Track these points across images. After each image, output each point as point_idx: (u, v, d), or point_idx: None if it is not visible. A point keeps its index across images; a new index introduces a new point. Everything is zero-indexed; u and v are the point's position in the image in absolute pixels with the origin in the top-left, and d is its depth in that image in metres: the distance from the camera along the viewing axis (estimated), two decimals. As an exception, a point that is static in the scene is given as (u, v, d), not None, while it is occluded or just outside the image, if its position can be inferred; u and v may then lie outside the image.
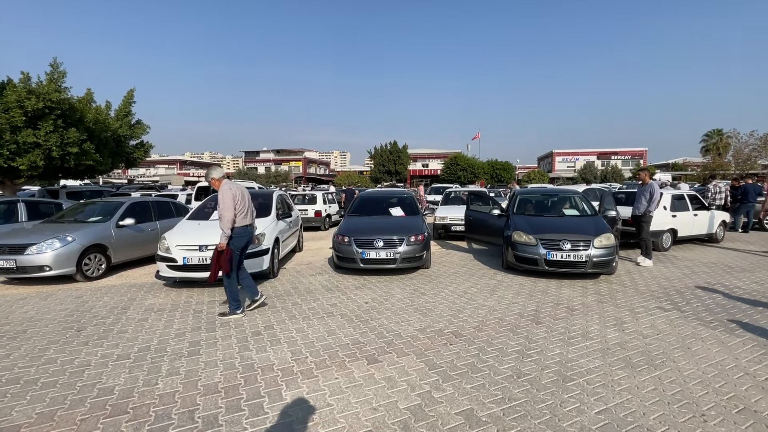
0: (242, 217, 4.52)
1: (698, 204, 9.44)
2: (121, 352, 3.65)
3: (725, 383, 3.01)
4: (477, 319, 4.43)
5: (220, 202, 4.36)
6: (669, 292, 5.46)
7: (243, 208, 4.52)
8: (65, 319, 4.63)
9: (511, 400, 2.79)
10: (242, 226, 4.53)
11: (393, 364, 3.36)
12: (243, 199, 4.55)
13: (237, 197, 4.44)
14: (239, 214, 4.46)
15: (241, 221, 4.50)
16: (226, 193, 4.37)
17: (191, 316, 4.63)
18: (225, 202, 4.33)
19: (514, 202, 7.80)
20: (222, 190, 4.41)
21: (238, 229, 4.50)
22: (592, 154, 60.42)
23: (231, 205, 4.33)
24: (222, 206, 4.34)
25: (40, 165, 10.60)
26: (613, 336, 3.93)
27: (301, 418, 2.59)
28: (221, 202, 4.35)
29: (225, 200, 4.34)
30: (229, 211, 4.32)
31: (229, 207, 4.33)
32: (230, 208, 4.33)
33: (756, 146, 28.10)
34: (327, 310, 4.84)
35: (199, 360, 3.47)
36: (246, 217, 4.58)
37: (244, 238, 4.60)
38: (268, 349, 3.68)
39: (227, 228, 4.35)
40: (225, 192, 4.38)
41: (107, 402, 2.81)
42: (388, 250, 6.32)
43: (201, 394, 2.90)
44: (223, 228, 4.36)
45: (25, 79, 10.59)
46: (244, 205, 4.56)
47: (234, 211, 4.36)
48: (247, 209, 4.61)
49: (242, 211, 4.51)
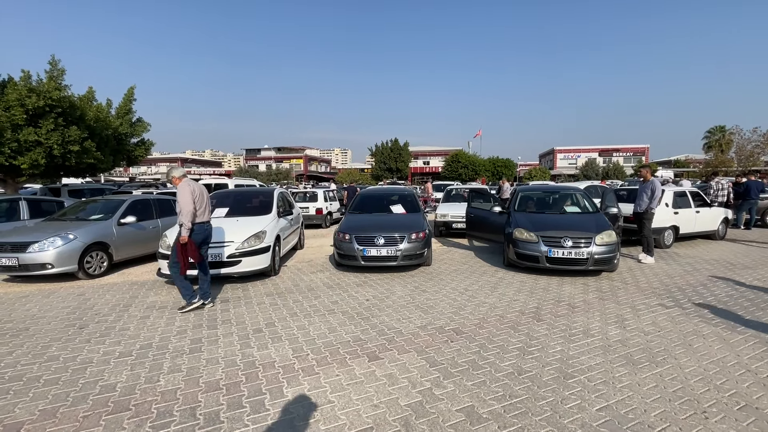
0: (200, 214, 4.67)
1: (700, 201, 9.40)
2: (123, 350, 3.67)
3: (727, 380, 3.00)
4: (478, 317, 4.43)
5: (179, 197, 4.52)
6: (671, 289, 5.45)
7: (201, 205, 4.67)
8: (67, 316, 4.65)
9: (511, 397, 2.79)
10: (199, 223, 4.68)
11: (394, 361, 3.36)
12: (202, 196, 4.71)
13: (195, 193, 4.60)
14: (197, 210, 4.61)
15: (198, 218, 4.65)
16: (184, 188, 4.54)
17: (193, 314, 4.64)
18: (183, 197, 4.50)
19: (516, 199, 7.79)
20: (180, 187, 4.58)
21: (196, 226, 4.64)
22: (593, 151, 60.28)
23: (189, 199, 4.50)
24: (181, 201, 4.50)
25: (41, 163, 10.62)
26: (614, 333, 3.93)
27: (302, 415, 2.60)
28: (180, 197, 4.51)
29: (183, 195, 4.50)
30: (187, 205, 4.48)
31: (187, 201, 4.49)
32: (189, 202, 4.49)
33: (759, 143, 27.95)
34: (328, 307, 4.85)
35: (201, 357, 3.48)
36: (204, 214, 4.74)
37: (200, 235, 4.74)
38: (270, 346, 3.68)
39: (187, 221, 4.49)
40: (183, 188, 4.55)
41: (109, 399, 2.82)
42: (389, 248, 6.32)
43: (202, 391, 2.91)
44: (184, 221, 4.50)
45: (26, 77, 10.58)
46: (202, 202, 4.70)
47: (193, 205, 4.52)
48: (205, 207, 4.76)
49: (200, 207, 4.66)
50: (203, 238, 4.81)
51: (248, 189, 9.48)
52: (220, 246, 5.71)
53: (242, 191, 8.51)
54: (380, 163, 54.29)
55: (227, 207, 7.06)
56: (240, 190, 8.72)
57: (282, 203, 7.84)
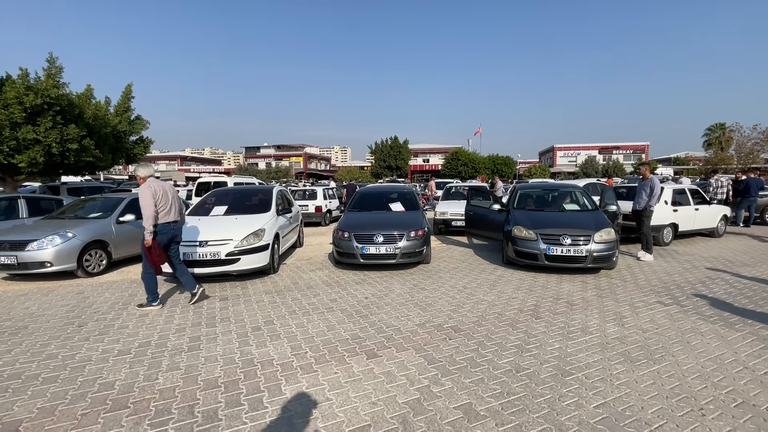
0: (164, 214, 4.64)
1: (699, 198, 9.40)
2: (121, 348, 3.67)
3: (724, 377, 3.01)
4: (476, 314, 4.44)
5: (139, 200, 4.50)
6: (669, 287, 5.45)
7: (165, 205, 4.64)
8: (66, 314, 4.65)
9: (509, 394, 2.80)
10: (165, 223, 4.66)
11: (392, 358, 3.37)
12: (166, 196, 4.67)
13: (158, 194, 4.56)
14: (161, 211, 4.59)
15: (163, 218, 4.63)
16: (144, 191, 4.51)
17: (191, 312, 4.65)
18: (143, 200, 4.47)
19: (515, 197, 7.78)
20: (141, 189, 4.55)
21: (161, 226, 4.62)
22: (593, 148, 60.22)
23: (150, 202, 4.46)
24: (141, 204, 4.48)
25: (40, 161, 10.59)
26: (612, 330, 3.94)
27: (300, 413, 2.61)
28: (140, 200, 4.49)
29: (143, 198, 4.47)
30: (147, 208, 4.46)
31: (147, 204, 4.46)
32: (149, 205, 4.46)
33: (759, 140, 27.94)
34: (327, 305, 4.85)
35: (200, 355, 3.48)
36: (169, 214, 4.71)
37: (167, 235, 4.73)
38: (268, 344, 3.69)
39: (148, 224, 4.46)
40: (143, 190, 4.51)
41: (108, 397, 2.83)
42: (388, 246, 6.32)
43: (201, 389, 2.92)
44: (144, 224, 4.49)
45: (24, 75, 10.53)
46: (167, 202, 4.67)
47: (153, 208, 4.47)
48: (170, 206, 4.72)
49: (164, 208, 4.63)
50: (170, 238, 4.79)
51: (247, 187, 9.47)
52: (218, 244, 5.71)
53: (241, 189, 8.50)
54: (380, 161, 54.22)
55: (226, 205, 7.05)
56: (239, 188, 8.71)
57: (281, 201, 7.83)
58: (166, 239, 4.72)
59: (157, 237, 4.58)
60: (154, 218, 4.47)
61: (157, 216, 4.52)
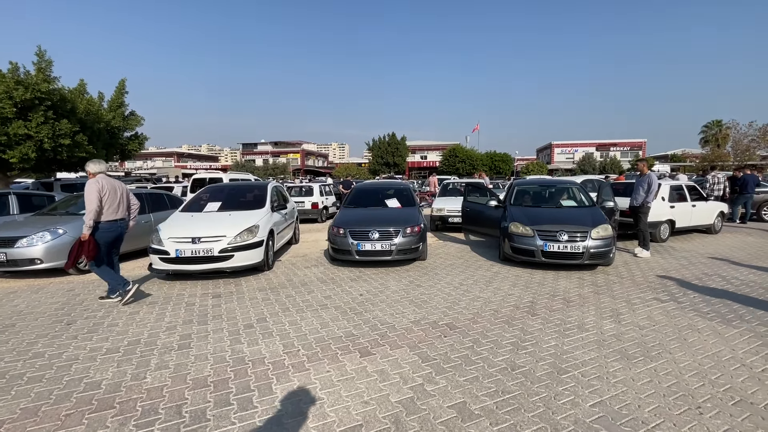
0: (111, 212, 4.60)
1: (696, 195, 9.38)
2: (110, 346, 3.60)
3: (721, 375, 2.97)
4: (472, 311, 4.39)
5: (85, 194, 4.45)
6: (666, 284, 5.42)
7: (112, 202, 4.59)
8: (55, 312, 4.57)
9: (504, 392, 2.75)
10: (110, 221, 4.61)
11: (386, 356, 3.31)
12: (113, 193, 4.62)
13: (105, 190, 4.52)
14: (107, 208, 4.54)
15: (109, 216, 4.58)
16: (90, 186, 4.46)
17: (183, 309, 4.58)
18: (88, 195, 4.43)
19: (511, 193, 7.73)
20: (87, 184, 4.50)
21: (106, 224, 4.57)
22: (591, 145, 60.22)
23: (94, 198, 4.42)
24: (85, 198, 4.44)
25: (32, 157, 10.46)
26: (609, 327, 3.89)
27: (290, 413, 2.55)
28: (85, 195, 4.45)
29: (89, 193, 4.43)
30: (91, 204, 4.42)
31: (91, 200, 4.42)
32: (92, 201, 4.42)
33: (755, 137, 28.01)
34: (321, 302, 4.79)
35: (190, 353, 3.41)
36: (116, 212, 4.66)
37: (112, 233, 4.68)
38: (260, 342, 3.62)
39: (89, 219, 4.42)
40: (90, 185, 4.47)
41: (93, 397, 2.76)
42: (383, 242, 6.26)
43: (189, 388, 2.85)
44: (85, 219, 4.45)
45: (14, 69, 10.37)
46: (114, 200, 4.62)
47: (96, 204, 4.43)
48: (118, 204, 4.67)
49: (111, 205, 4.58)
50: (114, 237, 4.74)
51: (242, 183, 9.38)
52: (211, 241, 5.63)
53: (236, 185, 8.41)
54: (377, 157, 54.07)
55: (220, 201, 6.96)
56: (233, 184, 8.62)
57: (276, 197, 7.75)
58: (110, 237, 4.67)
59: (102, 234, 4.57)
60: (95, 214, 4.44)
61: (100, 212, 4.49)
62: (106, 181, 4.60)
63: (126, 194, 4.86)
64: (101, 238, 4.61)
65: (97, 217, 4.48)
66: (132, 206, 5.00)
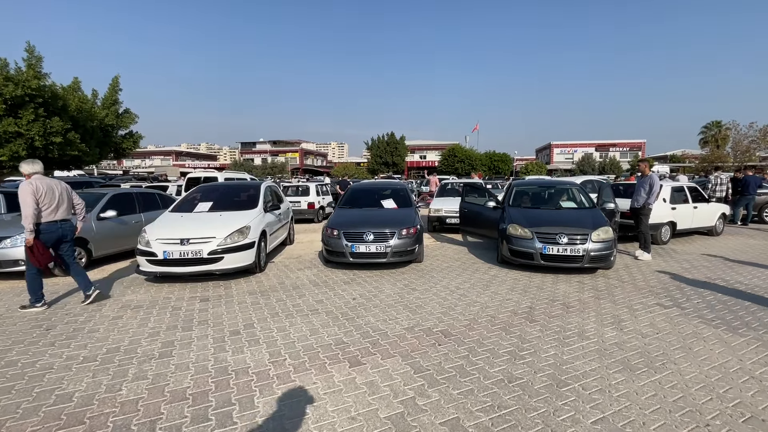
0: (49, 213, 4.45)
1: (698, 196, 9.23)
2: (88, 354, 3.43)
3: (730, 388, 2.81)
4: (468, 317, 4.22)
5: (19, 197, 4.28)
6: (668, 288, 5.27)
7: (50, 203, 4.44)
8: (36, 316, 4.39)
9: (500, 407, 2.58)
10: (49, 222, 4.46)
11: (376, 367, 3.15)
12: (51, 194, 4.46)
13: (40, 191, 4.35)
14: (45, 210, 4.39)
15: (48, 216, 4.43)
16: (24, 188, 4.29)
17: (168, 314, 4.41)
18: (22, 197, 4.26)
19: (510, 194, 7.57)
20: (21, 187, 4.32)
21: (45, 225, 4.42)
22: (590, 145, 60.13)
23: (28, 201, 4.25)
24: (20, 201, 4.28)
25: (22, 155, 10.26)
26: (610, 335, 3.74)
27: (272, 429, 2.38)
28: (19, 198, 4.28)
29: (22, 195, 4.26)
30: (26, 207, 4.26)
31: (26, 202, 4.25)
32: (28, 204, 4.25)
33: (755, 138, 27.91)
34: (312, 306, 4.62)
35: (170, 363, 3.24)
36: (55, 213, 4.50)
37: (54, 234, 4.52)
38: (245, 350, 3.46)
39: (26, 223, 4.26)
40: (23, 187, 4.30)
41: (63, 410, 2.59)
42: (378, 244, 6.09)
43: (167, 402, 2.68)
44: (23, 223, 4.29)
45: (3, 65, 10.17)
46: (52, 201, 4.46)
47: (31, 207, 4.26)
48: (56, 205, 4.51)
49: (49, 206, 4.43)
50: (57, 237, 4.57)
51: (235, 183, 9.20)
52: (200, 242, 5.46)
53: (228, 185, 8.23)
54: (376, 157, 53.90)
55: (211, 201, 6.78)
56: (226, 184, 8.44)
57: (270, 197, 7.58)
58: (52, 238, 4.51)
59: (44, 236, 4.40)
60: (33, 216, 4.27)
61: (38, 214, 4.33)
62: (42, 182, 4.42)
63: (67, 194, 4.69)
64: (44, 240, 4.45)
65: (37, 220, 4.32)
66: (77, 206, 4.82)
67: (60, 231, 4.58)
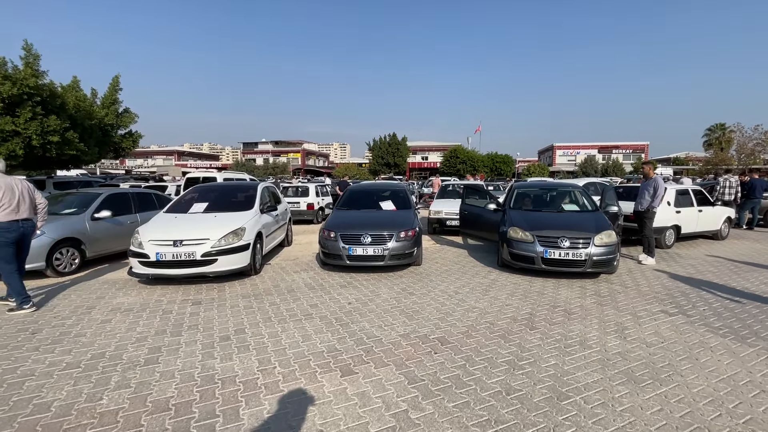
0: (10, 212, 4.36)
1: (703, 199, 9.06)
2: (71, 360, 3.32)
3: (740, 403, 2.67)
4: (466, 324, 4.09)
5: None
6: (673, 294, 5.12)
7: (10, 202, 4.36)
8: (23, 319, 4.29)
9: (498, 422, 2.45)
10: (7, 221, 4.36)
11: (369, 376, 3.02)
12: (10, 192, 4.37)
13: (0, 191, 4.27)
14: (5, 209, 4.31)
15: (8, 216, 4.34)
16: None
17: (158, 318, 4.29)
18: None
19: (511, 196, 7.44)
20: None
21: (7, 224, 4.33)
22: (593, 147, 59.83)
23: None
24: None
25: (19, 154, 10.20)
26: (613, 344, 3.60)
27: (256, 444, 2.26)
28: None
29: None
30: None
31: None
32: None
33: (760, 140, 27.65)
34: (306, 311, 4.50)
35: (155, 370, 3.13)
36: (16, 212, 4.41)
37: (12, 233, 4.41)
38: (234, 357, 3.34)
39: None
40: None
41: (39, 421, 2.47)
42: (376, 247, 5.97)
43: (148, 413, 2.56)
44: None
45: (1, 63, 10.11)
46: (12, 199, 4.38)
47: None
48: (17, 204, 4.42)
49: (9, 205, 4.35)
50: (19, 237, 4.47)
51: (231, 183, 9.11)
52: (194, 244, 5.35)
53: (225, 185, 8.13)
54: (378, 157, 53.79)
55: (207, 202, 6.67)
56: (222, 184, 8.34)
57: (267, 198, 7.47)
58: (12, 237, 4.40)
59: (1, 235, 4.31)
60: None
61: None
62: (1, 180, 4.35)
63: (29, 193, 4.60)
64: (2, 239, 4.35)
65: None
66: (39, 205, 4.72)
67: (20, 230, 4.49)
